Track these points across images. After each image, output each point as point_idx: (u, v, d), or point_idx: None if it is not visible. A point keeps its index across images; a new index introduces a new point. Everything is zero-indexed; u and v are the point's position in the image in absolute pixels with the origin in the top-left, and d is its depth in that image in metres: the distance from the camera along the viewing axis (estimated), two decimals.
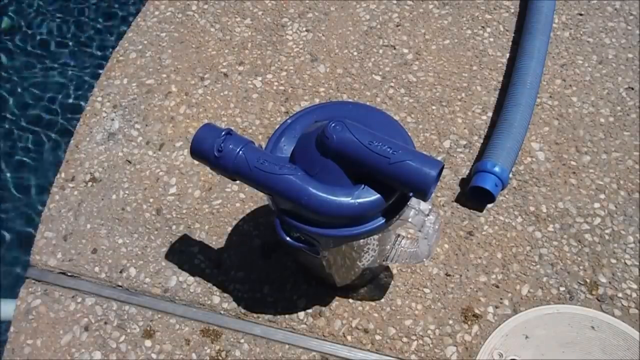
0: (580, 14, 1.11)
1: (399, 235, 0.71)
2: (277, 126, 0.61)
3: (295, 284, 0.83)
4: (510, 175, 0.90)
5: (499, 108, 0.97)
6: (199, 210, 0.91)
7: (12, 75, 1.55)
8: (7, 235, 1.30)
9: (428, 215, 0.59)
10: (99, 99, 1.07)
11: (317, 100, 1.02)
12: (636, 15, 1.10)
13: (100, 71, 1.13)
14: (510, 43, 1.08)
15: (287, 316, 0.80)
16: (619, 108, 0.98)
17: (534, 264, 0.83)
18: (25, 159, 1.42)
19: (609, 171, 0.91)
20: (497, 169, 0.84)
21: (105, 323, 0.83)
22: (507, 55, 1.06)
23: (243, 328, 0.80)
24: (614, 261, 0.83)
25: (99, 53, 1.58)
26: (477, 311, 0.79)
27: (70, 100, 1.50)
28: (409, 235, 0.75)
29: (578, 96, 1.00)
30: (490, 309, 0.79)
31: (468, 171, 0.92)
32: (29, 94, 1.52)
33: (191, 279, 0.85)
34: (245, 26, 1.15)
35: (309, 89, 1.04)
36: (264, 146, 0.60)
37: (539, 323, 0.78)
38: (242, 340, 0.80)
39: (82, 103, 1.37)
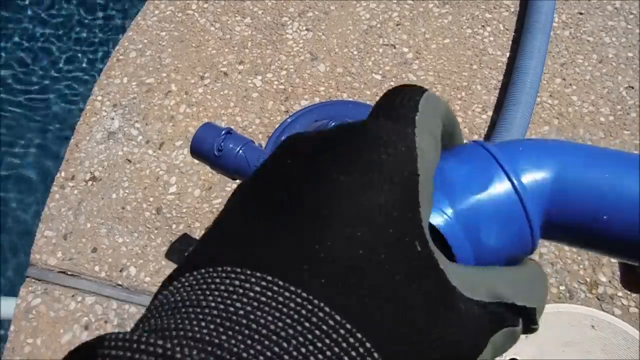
0: (581, 13, 1.11)
1: None
2: (277, 125, 0.61)
3: None
4: None
5: (499, 107, 0.97)
6: (199, 209, 0.91)
7: (11, 72, 1.55)
8: (7, 235, 1.30)
9: None
10: (99, 98, 1.07)
11: (317, 100, 1.02)
12: (636, 14, 1.10)
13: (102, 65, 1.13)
14: (510, 42, 1.08)
15: None
16: (619, 107, 0.98)
17: None
18: (24, 158, 1.42)
19: None
20: None
21: (105, 322, 0.83)
22: (507, 54, 1.06)
23: None
24: (614, 260, 0.83)
25: (99, 52, 1.58)
26: None
27: (70, 100, 1.50)
28: None
29: (578, 95, 1.00)
30: None
31: None
32: (29, 93, 1.52)
33: None
34: (245, 25, 1.15)
35: (309, 88, 1.04)
36: (264, 145, 0.60)
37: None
38: None
39: (82, 102, 1.37)
